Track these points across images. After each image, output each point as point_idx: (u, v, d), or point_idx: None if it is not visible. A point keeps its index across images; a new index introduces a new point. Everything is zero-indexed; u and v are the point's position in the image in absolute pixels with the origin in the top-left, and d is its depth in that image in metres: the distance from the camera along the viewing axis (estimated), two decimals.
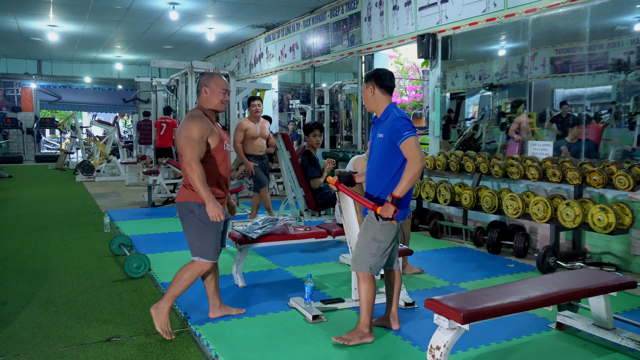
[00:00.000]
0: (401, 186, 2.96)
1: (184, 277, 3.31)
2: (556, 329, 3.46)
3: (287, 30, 11.41)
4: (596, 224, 4.60)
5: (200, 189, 3.11)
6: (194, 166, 3.10)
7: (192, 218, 3.25)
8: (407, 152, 2.98)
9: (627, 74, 7.45)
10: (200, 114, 3.25)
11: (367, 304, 3.16)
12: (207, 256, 3.31)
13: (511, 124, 8.19)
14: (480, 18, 6.44)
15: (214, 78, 3.34)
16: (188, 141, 3.13)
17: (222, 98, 3.32)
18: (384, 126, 3.11)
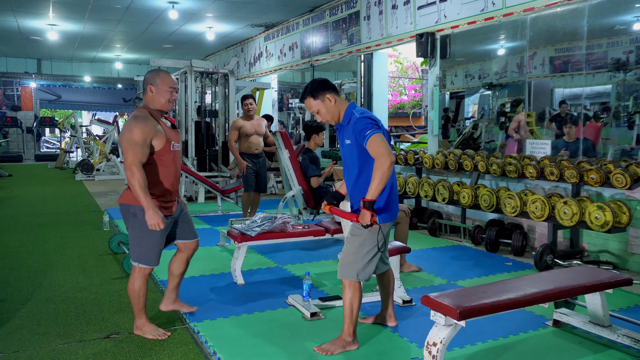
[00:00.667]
0: (372, 188, 2.82)
1: (135, 288, 3.21)
2: (553, 326, 3.48)
3: (286, 29, 11.43)
4: (593, 222, 4.62)
5: (140, 195, 2.96)
6: (135, 171, 2.94)
7: (135, 222, 3.11)
8: (373, 151, 2.86)
9: (625, 74, 7.48)
10: (145, 114, 3.08)
11: (351, 312, 3.03)
12: (147, 262, 3.19)
13: (510, 122, 8.21)
14: (479, 17, 6.45)
15: (159, 75, 3.15)
16: (129, 144, 2.97)
17: (169, 97, 3.13)
18: (348, 131, 2.99)
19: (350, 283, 3.04)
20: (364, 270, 3.03)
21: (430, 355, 2.61)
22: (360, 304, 3.08)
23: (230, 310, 3.74)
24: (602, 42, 6.21)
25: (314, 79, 3.18)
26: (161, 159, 3.11)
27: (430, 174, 7.13)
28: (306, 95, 3.07)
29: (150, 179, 3.07)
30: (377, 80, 9.12)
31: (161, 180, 3.14)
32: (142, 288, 3.22)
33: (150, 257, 3.18)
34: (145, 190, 2.98)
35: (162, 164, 3.12)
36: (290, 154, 5.71)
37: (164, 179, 3.15)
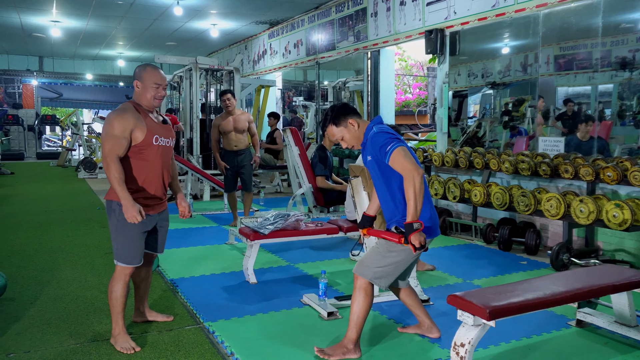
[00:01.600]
0: (410, 210, 2.64)
1: (114, 289, 3.01)
2: (576, 327, 3.40)
3: (291, 26, 11.34)
4: (611, 220, 4.54)
5: (116, 187, 2.85)
6: (109, 163, 2.84)
7: (113, 218, 2.98)
8: (398, 168, 2.70)
9: (632, 72, 7.39)
10: (128, 107, 2.98)
11: (358, 318, 2.86)
12: (124, 260, 2.99)
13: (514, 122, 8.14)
14: (490, 13, 6.37)
15: (146, 70, 3.02)
16: (106, 136, 2.89)
17: (155, 93, 2.99)
18: (369, 147, 2.87)
19: (362, 285, 2.88)
20: (382, 277, 2.88)
21: (458, 356, 2.53)
22: (368, 312, 2.91)
23: (244, 310, 3.66)
24: (618, 39, 6.12)
25: (333, 105, 3.00)
26: (142, 153, 2.98)
27: (439, 172, 7.05)
28: (327, 123, 2.94)
29: (130, 173, 2.96)
30: (384, 77, 9.02)
31: (140, 175, 3.00)
32: (121, 289, 3.01)
33: (128, 255, 2.99)
34: (121, 183, 2.85)
35: (143, 158, 2.98)
36: (301, 151, 5.63)
37: (144, 174, 3.01)
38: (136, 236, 3.00)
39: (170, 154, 3.19)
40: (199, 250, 5.46)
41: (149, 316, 3.42)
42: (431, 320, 3.23)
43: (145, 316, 3.40)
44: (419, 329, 3.26)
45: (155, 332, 3.28)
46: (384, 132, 2.81)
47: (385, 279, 2.90)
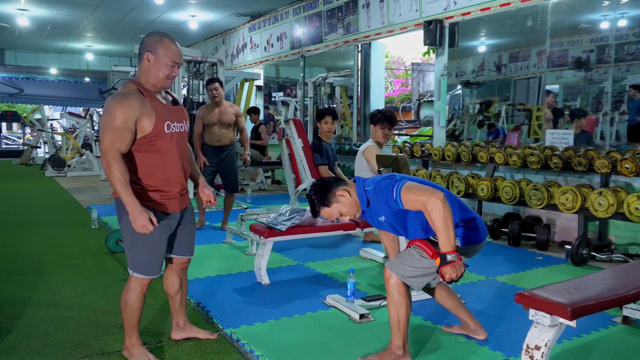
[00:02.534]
0: (442, 239, 2.35)
1: (128, 301, 2.61)
2: (622, 323, 3.21)
3: (274, 18, 10.99)
4: (633, 212, 4.40)
5: (119, 190, 2.37)
6: (110, 161, 2.36)
7: (128, 222, 2.47)
8: (413, 205, 2.40)
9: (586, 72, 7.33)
10: (131, 90, 2.47)
11: (400, 322, 2.60)
12: (142, 270, 2.57)
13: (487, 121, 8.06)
14: (494, 3, 6.20)
15: (163, 43, 2.52)
16: (106, 129, 2.39)
17: (169, 73, 2.52)
18: (377, 209, 2.57)
19: (395, 285, 2.60)
20: (413, 278, 2.62)
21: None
22: (409, 313, 2.64)
23: (266, 314, 3.33)
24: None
25: (313, 187, 2.62)
26: (154, 145, 2.50)
27: (437, 167, 6.86)
28: (318, 209, 2.60)
29: (143, 170, 2.51)
30: (375, 71, 8.80)
31: (158, 171, 2.53)
32: (137, 302, 2.61)
33: (147, 265, 2.57)
34: (125, 185, 2.38)
35: (156, 151, 2.51)
36: (304, 143, 5.33)
37: (161, 169, 2.53)
38: (158, 243, 2.59)
39: (186, 140, 2.73)
40: (196, 250, 5.06)
41: (190, 332, 2.94)
42: (476, 321, 2.99)
43: (185, 332, 2.94)
44: (463, 329, 3.01)
45: (172, 341, 2.92)
46: (377, 183, 2.54)
47: (415, 281, 2.64)
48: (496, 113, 8.68)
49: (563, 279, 4.09)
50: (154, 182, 2.55)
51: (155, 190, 2.56)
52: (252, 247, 4.86)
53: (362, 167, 4.61)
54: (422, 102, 11.50)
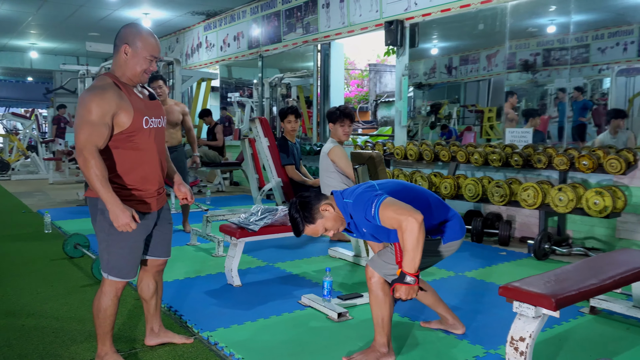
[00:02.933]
0: (407, 259, 2.30)
1: (102, 306, 2.48)
2: (589, 314, 3.32)
3: (230, 18, 10.83)
4: (591, 207, 4.58)
5: (97, 188, 2.25)
6: (87, 157, 2.24)
7: (102, 222, 2.39)
8: (390, 222, 2.34)
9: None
10: (107, 83, 2.36)
11: (383, 320, 2.59)
12: (118, 273, 2.45)
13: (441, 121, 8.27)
14: (454, 4, 6.32)
15: (142, 35, 2.39)
16: (82, 123, 2.27)
17: (147, 67, 2.41)
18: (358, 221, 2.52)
19: (377, 284, 2.58)
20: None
21: (517, 351, 2.31)
22: (392, 311, 2.62)
23: (241, 316, 3.25)
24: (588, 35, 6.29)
25: (293, 205, 2.55)
26: (132, 140, 2.39)
27: (399, 166, 6.92)
28: (302, 228, 2.52)
29: (120, 167, 2.40)
30: (335, 71, 8.82)
31: (136, 169, 2.43)
32: (111, 307, 2.49)
33: (123, 268, 2.45)
34: (104, 182, 2.26)
35: (134, 147, 2.40)
36: (271, 142, 5.25)
37: (139, 166, 2.43)
38: (135, 244, 2.47)
39: (164, 136, 2.61)
40: None
41: (165, 337, 2.83)
42: (454, 315, 3.02)
43: (160, 337, 2.82)
44: (441, 324, 3.03)
45: (147, 348, 2.80)
46: (357, 196, 2.47)
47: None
48: (447, 115, 8.91)
49: (529, 272, 4.23)
50: (132, 180, 2.44)
51: (133, 188, 2.44)
52: (219, 249, 4.75)
53: (328, 168, 4.59)
54: (380, 102, 11.61)
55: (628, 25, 6.66)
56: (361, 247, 4.52)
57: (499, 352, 2.76)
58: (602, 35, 6.80)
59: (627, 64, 6.90)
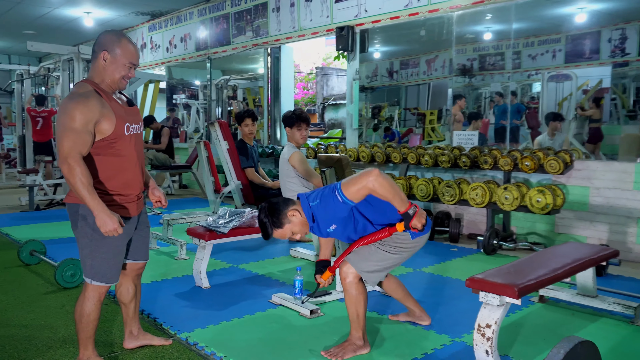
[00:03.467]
0: (396, 202, 2.52)
1: (85, 312, 2.50)
2: (539, 302, 3.62)
3: (177, 19, 10.71)
4: (534, 205, 4.94)
5: (84, 195, 2.27)
6: (73, 165, 2.26)
7: (85, 228, 2.43)
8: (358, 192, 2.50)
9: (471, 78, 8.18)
10: (88, 90, 2.37)
11: (358, 316, 2.75)
12: (102, 278, 2.48)
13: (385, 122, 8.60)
14: (403, 12, 6.60)
15: (121, 42, 2.42)
16: (65, 131, 2.29)
17: (126, 73, 2.45)
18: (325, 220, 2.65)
19: (352, 283, 2.74)
20: (372, 272, 2.78)
21: (484, 337, 2.53)
22: (366, 307, 2.80)
23: (216, 316, 3.32)
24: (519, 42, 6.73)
25: (262, 210, 2.66)
26: (114, 147, 2.43)
27: (352, 167, 7.12)
28: (270, 232, 2.65)
29: (102, 173, 2.43)
30: (285, 74, 8.93)
31: (116, 174, 2.46)
32: (94, 312, 2.51)
33: (107, 272, 2.48)
34: (90, 189, 2.28)
35: (116, 153, 2.44)
36: (230, 145, 5.31)
37: (121, 172, 2.47)
38: (118, 248, 2.50)
39: (142, 142, 2.66)
40: None
41: (144, 340, 2.86)
42: (421, 308, 3.22)
43: (139, 340, 2.84)
44: (409, 317, 3.23)
45: (126, 351, 2.83)
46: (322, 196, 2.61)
47: (373, 276, 2.81)
48: (388, 117, 9.25)
49: (481, 266, 4.54)
50: (114, 185, 2.47)
51: (115, 193, 2.48)
52: (182, 252, 4.77)
53: (289, 173, 4.67)
54: (327, 105, 11.84)
55: (556, 34, 7.22)
56: None
57: (463, 339, 2.98)
58: (533, 43, 7.34)
59: (556, 70, 7.48)
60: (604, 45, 6.89)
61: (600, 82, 7.35)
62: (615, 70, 7.08)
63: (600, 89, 7.34)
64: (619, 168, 4.90)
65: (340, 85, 12.70)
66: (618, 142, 6.87)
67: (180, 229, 5.40)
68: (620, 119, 7.43)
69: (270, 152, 8.17)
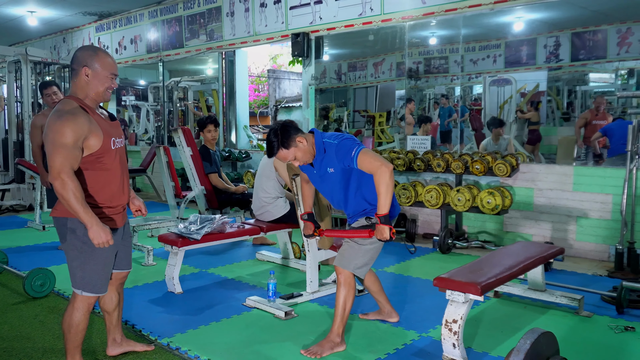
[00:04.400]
0: (382, 202, 2.77)
1: (74, 322, 2.57)
2: (494, 297, 3.93)
3: (126, 20, 10.54)
4: (485, 206, 5.29)
5: (77, 209, 2.35)
6: (66, 180, 2.32)
7: (74, 240, 2.49)
8: (367, 167, 2.78)
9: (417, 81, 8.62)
10: (75, 107, 2.43)
11: (344, 312, 2.96)
12: (92, 289, 2.55)
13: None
14: (357, 21, 6.84)
15: (99, 56, 2.50)
16: (56, 147, 2.35)
17: (109, 85, 2.53)
18: (328, 160, 2.89)
19: (346, 280, 2.97)
20: (361, 267, 3.02)
21: (451, 332, 2.78)
22: (353, 304, 3.02)
23: (193, 321, 3.42)
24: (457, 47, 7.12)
25: (273, 129, 2.86)
26: (101, 161, 2.50)
27: None
28: (276, 150, 2.86)
29: (91, 187, 2.51)
30: (240, 78, 9.00)
31: (101, 189, 2.54)
32: (83, 321, 2.58)
33: (96, 283, 2.55)
34: (83, 203, 2.36)
35: (103, 167, 2.52)
36: (193, 151, 5.37)
37: (107, 185, 2.55)
38: (108, 259, 2.58)
39: (125, 154, 2.75)
40: None
41: (127, 346, 2.93)
42: (391, 306, 3.45)
43: (122, 347, 2.91)
44: (379, 315, 3.45)
45: (109, 358, 2.90)
46: (344, 139, 2.87)
47: (363, 270, 3.05)
48: (336, 118, 9.50)
49: (439, 265, 4.84)
50: (102, 198, 2.55)
51: (105, 206, 2.56)
52: (149, 258, 4.81)
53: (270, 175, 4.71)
54: (280, 107, 11.97)
55: (497, 40, 7.70)
56: (289, 250, 4.84)
57: (430, 334, 3.23)
58: (474, 48, 7.79)
59: (497, 74, 7.97)
60: (539, 51, 7.40)
61: (537, 86, 7.89)
62: (550, 74, 7.63)
63: (537, 93, 7.87)
64: (560, 171, 5.33)
65: (292, 88, 12.88)
66: (555, 143, 7.42)
67: (144, 235, 5.41)
68: (556, 121, 8.00)
69: (227, 155, 8.23)
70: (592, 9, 6.62)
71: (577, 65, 7.26)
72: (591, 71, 7.38)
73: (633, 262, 4.50)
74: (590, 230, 5.12)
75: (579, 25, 6.84)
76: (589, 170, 5.23)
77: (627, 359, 2.94)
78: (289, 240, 4.81)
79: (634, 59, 6.61)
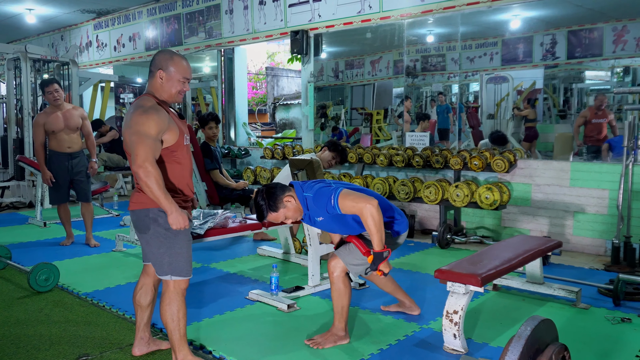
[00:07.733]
0: (374, 240, 2.76)
1: (175, 310, 2.65)
2: (493, 290, 3.99)
3: (125, 18, 10.56)
4: (484, 201, 5.36)
5: (159, 196, 2.50)
6: (150, 169, 2.47)
7: (157, 229, 2.62)
8: (351, 210, 2.77)
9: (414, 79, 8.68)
10: (154, 104, 2.61)
11: (343, 308, 3.00)
12: (181, 272, 2.66)
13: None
14: (356, 18, 6.88)
15: (174, 60, 2.67)
16: (140, 138, 2.50)
17: (181, 88, 2.69)
18: (314, 211, 2.91)
19: (339, 277, 3.00)
20: (356, 266, 3.04)
21: (452, 322, 2.84)
22: (350, 299, 3.05)
23: (198, 314, 3.47)
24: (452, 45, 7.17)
25: (259, 193, 2.88)
26: (174, 155, 2.66)
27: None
28: (266, 214, 2.87)
29: (169, 178, 2.66)
30: (239, 76, 9.04)
31: (176, 181, 2.70)
32: (181, 307, 2.67)
33: (184, 266, 2.67)
34: (165, 190, 2.52)
35: (175, 161, 2.67)
36: (195, 148, 5.41)
37: (179, 178, 2.71)
38: (189, 243, 2.72)
39: (190, 151, 2.88)
40: (90, 260, 4.90)
41: (154, 345, 2.96)
42: (411, 299, 3.51)
43: (149, 346, 2.94)
44: (400, 307, 3.52)
45: (116, 348, 2.95)
46: (316, 191, 2.87)
47: (358, 267, 3.07)
48: (334, 116, 9.55)
49: (438, 259, 4.90)
50: (176, 190, 2.69)
51: (180, 196, 2.71)
52: None
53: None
54: (278, 105, 12.02)
55: (494, 38, 7.76)
56: (290, 244, 4.89)
57: (430, 326, 3.29)
58: (471, 46, 7.85)
59: (494, 72, 8.03)
60: (536, 49, 7.48)
61: (534, 84, 7.96)
62: (547, 72, 7.71)
63: (533, 90, 7.95)
64: (557, 166, 5.40)
65: (290, 85, 12.93)
66: (552, 140, 7.49)
67: None
68: (553, 118, 8.08)
69: (227, 152, 8.27)
70: (588, 6, 6.68)
71: (573, 63, 7.33)
72: (587, 69, 7.46)
73: (629, 255, 4.57)
74: (587, 225, 5.19)
75: (575, 23, 6.91)
76: (585, 166, 5.30)
77: (624, 348, 3.00)
78: (290, 235, 4.86)
79: (629, 57, 6.69)
